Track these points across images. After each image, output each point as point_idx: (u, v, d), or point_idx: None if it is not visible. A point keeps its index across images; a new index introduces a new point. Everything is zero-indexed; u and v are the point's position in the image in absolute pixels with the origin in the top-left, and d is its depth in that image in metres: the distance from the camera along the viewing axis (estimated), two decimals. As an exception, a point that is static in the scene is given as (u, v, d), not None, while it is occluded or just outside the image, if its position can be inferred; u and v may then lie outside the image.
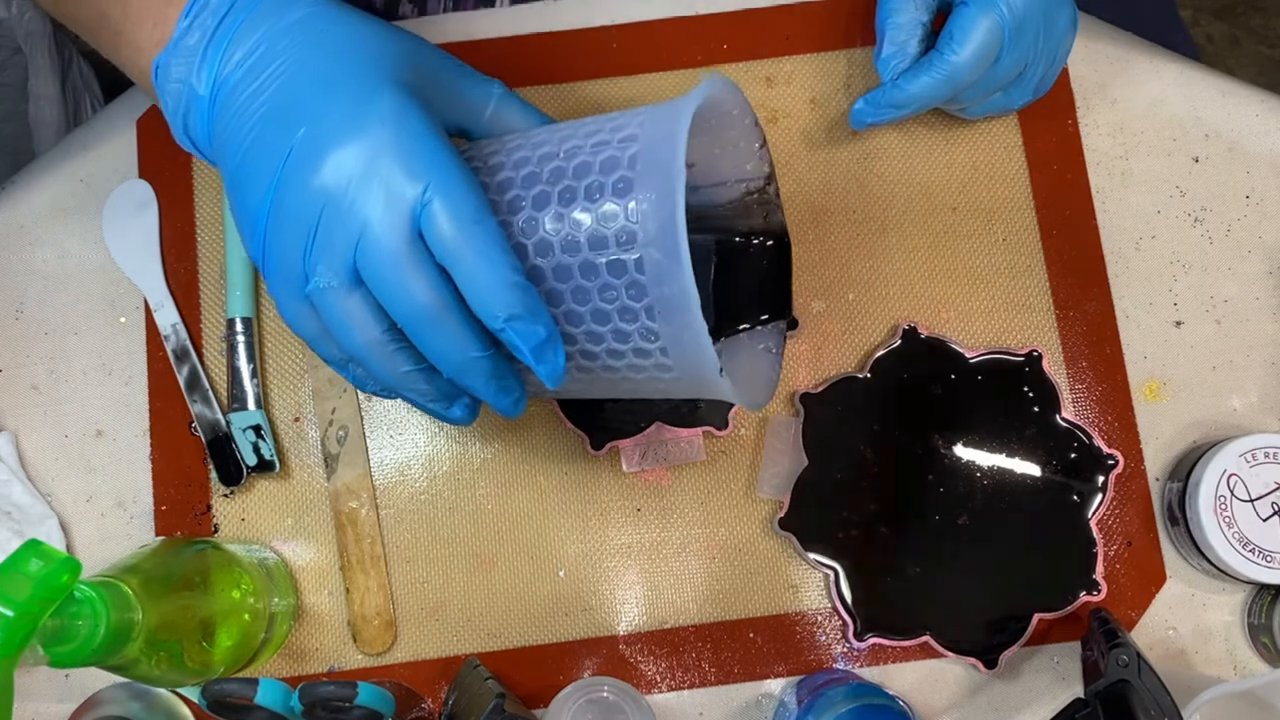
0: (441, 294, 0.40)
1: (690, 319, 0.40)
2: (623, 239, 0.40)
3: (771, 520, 0.57)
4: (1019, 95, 0.57)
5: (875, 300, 0.59)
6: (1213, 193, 0.60)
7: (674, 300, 0.40)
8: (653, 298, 0.41)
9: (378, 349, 0.41)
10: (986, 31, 0.52)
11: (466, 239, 0.39)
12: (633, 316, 0.41)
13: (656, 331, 0.41)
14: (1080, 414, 0.58)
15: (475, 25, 0.62)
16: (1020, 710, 0.56)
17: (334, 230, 0.40)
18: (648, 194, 0.40)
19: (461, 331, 0.40)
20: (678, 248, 0.39)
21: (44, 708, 0.56)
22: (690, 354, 0.41)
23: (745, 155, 0.50)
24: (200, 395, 0.58)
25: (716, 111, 0.47)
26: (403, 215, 0.39)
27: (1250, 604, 0.56)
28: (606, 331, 0.42)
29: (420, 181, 0.39)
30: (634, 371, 0.44)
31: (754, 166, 0.50)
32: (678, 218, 0.39)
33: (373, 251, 0.39)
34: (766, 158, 0.50)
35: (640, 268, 0.40)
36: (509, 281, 0.39)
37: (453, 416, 0.45)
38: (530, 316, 0.40)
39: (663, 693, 0.56)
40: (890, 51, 0.55)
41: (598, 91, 0.61)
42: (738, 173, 0.50)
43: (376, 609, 0.57)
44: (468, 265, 0.39)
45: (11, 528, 0.56)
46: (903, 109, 0.55)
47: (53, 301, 0.60)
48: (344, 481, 0.58)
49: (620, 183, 0.41)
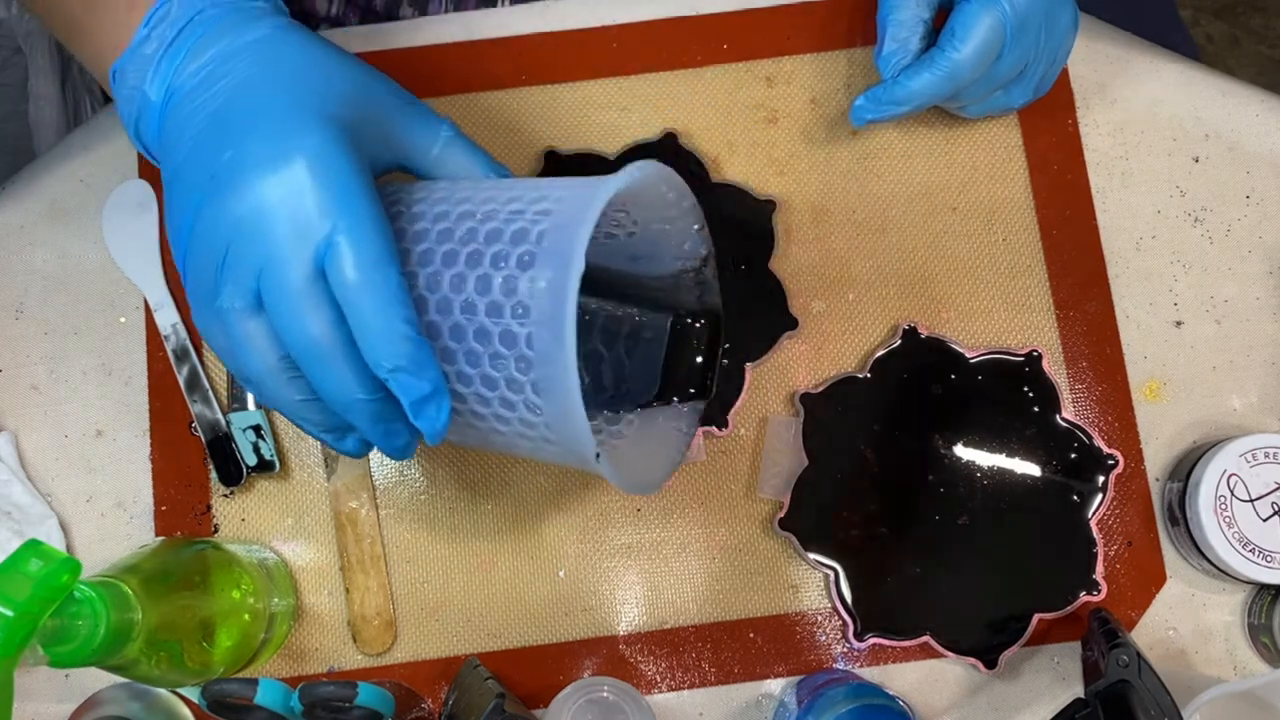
0: (334, 332, 0.40)
1: (570, 404, 0.40)
2: (518, 312, 0.41)
3: (771, 520, 0.57)
4: (1019, 94, 0.57)
5: (875, 300, 0.59)
6: (1213, 193, 0.60)
7: (557, 382, 0.40)
8: (538, 375, 0.41)
9: (272, 375, 0.42)
10: (988, 29, 0.52)
11: (364, 284, 0.39)
12: (519, 388, 0.42)
13: (540, 407, 0.42)
14: (1080, 414, 0.58)
15: (475, 25, 0.62)
16: (1020, 710, 0.56)
17: (242, 255, 0.40)
18: (546, 274, 0.40)
19: (349, 372, 0.41)
20: (564, 334, 0.39)
21: (44, 708, 0.56)
22: (569, 435, 0.41)
23: (683, 235, 0.50)
24: (200, 395, 0.58)
25: (652, 193, 0.47)
26: (306, 250, 0.39)
27: (1250, 604, 0.56)
28: (494, 397, 0.43)
29: (329, 220, 0.39)
30: (520, 439, 0.44)
31: (691, 246, 0.51)
32: (568, 305, 0.39)
33: (272, 281, 0.40)
34: (705, 242, 0.50)
35: (530, 343, 0.41)
36: (399, 333, 0.40)
37: (344, 448, 0.45)
38: (415, 370, 0.40)
39: (663, 693, 0.56)
40: (892, 48, 0.55)
41: (598, 91, 0.61)
42: (675, 250, 0.51)
43: (376, 609, 0.57)
44: (361, 310, 0.40)
45: (11, 528, 0.56)
46: (903, 106, 0.55)
47: (53, 301, 0.60)
48: (344, 481, 0.58)
49: (526, 256, 0.41)
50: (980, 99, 0.57)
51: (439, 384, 0.41)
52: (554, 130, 0.61)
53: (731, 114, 0.61)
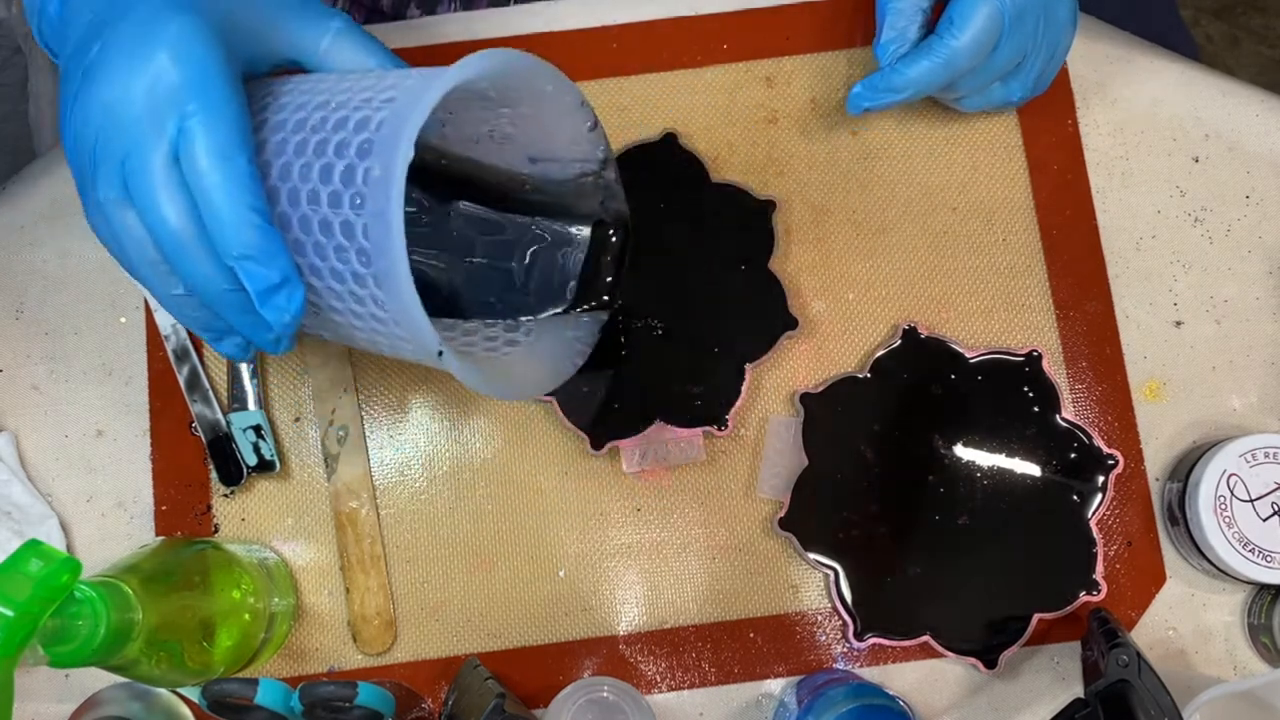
0: (191, 222, 0.40)
1: (405, 299, 0.39)
2: (356, 202, 0.40)
3: (771, 520, 0.57)
4: (1018, 87, 0.57)
5: (875, 300, 0.59)
6: (1213, 193, 0.60)
7: (391, 275, 0.39)
8: (377, 268, 0.40)
9: (152, 268, 0.42)
10: (986, 17, 0.52)
11: (212, 170, 0.40)
12: (363, 282, 0.41)
13: (385, 301, 0.41)
14: (1080, 414, 0.58)
15: (476, 25, 0.62)
16: (1020, 710, 0.56)
17: (110, 145, 0.41)
18: (379, 162, 0.39)
19: (209, 262, 0.41)
20: (391, 224, 0.38)
21: (44, 708, 0.56)
22: (411, 330, 0.40)
23: (576, 134, 0.49)
24: (200, 395, 0.58)
25: (526, 84, 0.46)
26: (162, 137, 0.40)
27: (1250, 604, 0.56)
28: (344, 291, 0.42)
29: (183, 108, 0.40)
30: (376, 334, 0.43)
31: (588, 148, 0.49)
32: (394, 194, 0.38)
33: (134, 169, 0.40)
34: (601, 142, 0.49)
35: (367, 235, 0.40)
36: (245, 220, 0.40)
37: (224, 351, 0.45)
38: (263, 259, 0.40)
39: (663, 693, 0.56)
40: (889, 37, 0.55)
41: (598, 91, 0.61)
42: (571, 153, 0.49)
43: (376, 609, 0.57)
44: (210, 197, 0.40)
45: (11, 528, 0.56)
46: (900, 93, 0.55)
47: (53, 301, 0.60)
48: (344, 481, 0.58)
49: (365, 144, 0.40)
50: (978, 90, 0.57)
51: (289, 273, 0.41)
52: (554, 130, 0.61)
53: (731, 114, 0.61)
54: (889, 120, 0.61)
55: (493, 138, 0.49)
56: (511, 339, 0.51)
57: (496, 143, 0.50)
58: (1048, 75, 0.58)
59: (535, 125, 0.48)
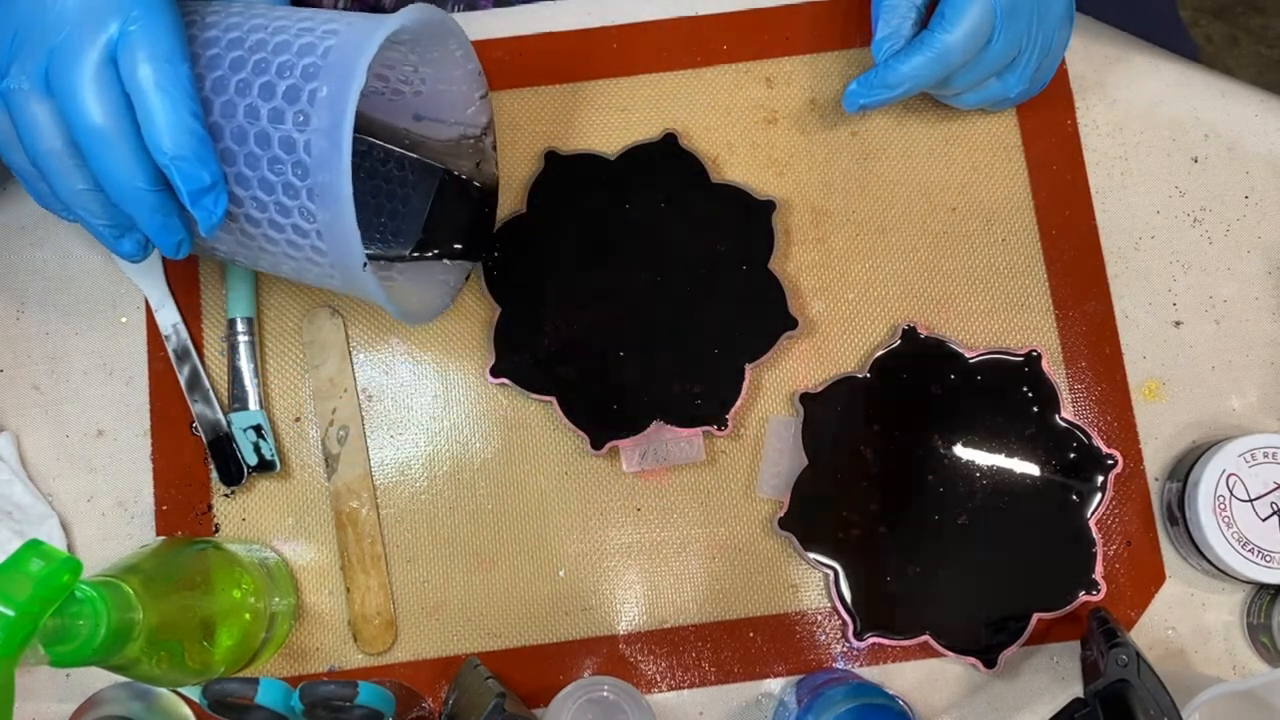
0: (120, 121, 0.42)
1: (342, 208, 0.44)
2: (299, 119, 0.44)
3: (771, 520, 0.57)
4: (1014, 83, 0.57)
5: (875, 300, 0.59)
6: (1212, 193, 0.60)
7: (331, 187, 0.43)
8: (314, 181, 0.44)
9: (56, 160, 0.43)
10: (979, 11, 0.52)
11: (154, 74, 0.42)
12: (294, 194, 0.45)
13: (314, 214, 0.44)
14: (1079, 414, 0.58)
15: (476, 25, 0.62)
16: (1020, 710, 0.56)
17: (33, 35, 0.42)
18: (329, 85, 0.44)
19: (132, 160, 0.42)
20: (340, 140, 0.43)
21: (44, 707, 0.56)
22: (341, 243, 0.45)
23: (467, 100, 0.55)
24: (201, 395, 0.58)
25: (441, 46, 0.51)
26: (100, 36, 0.42)
27: (1249, 604, 0.56)
28: (270, 202, 0.45)
29: (128, 13, 0.42)
30: (292, 249, 0.47)
31: (474, 113, 0.55)
32: (347, 114, 0.43)
33: (63, 64, 0.42)
34: (486, 109, 0.55)
35: (309, 149, 0.44)
36: (184, 124, 0.42)
37: (122, 250, 0.47)
38: (196, 161, 0.43)
39: (663, 692, 0.56)
40: (884, 34, 0.56)
41: (598, 91, 0.61)
42: (458, 115, 0.55)
43: (377, 608, 0.57)
44: (149, 99, 0.42)
45: (12, 527, 0.56)
46: (895, 89, 0.55)
47: (54, 301, 0.60)
48: (344, 481, 0.58)
49: (311, 68, 0.44)
50: (974, 86, 0.57)
51: (218, 177, 0.44)
52: (554, 130, 0.61)
53: (731, 114, 0.61)
54: (888, 120, 0.61)
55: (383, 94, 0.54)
56: (387, 276, 0.56)
57: (386, 99, 0.55)
58: (1045, 71, 0.58)
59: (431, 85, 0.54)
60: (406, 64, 0.53)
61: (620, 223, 0.59)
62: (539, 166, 0.60)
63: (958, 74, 0.55)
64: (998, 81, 0.57)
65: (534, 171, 0.60)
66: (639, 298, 0.58)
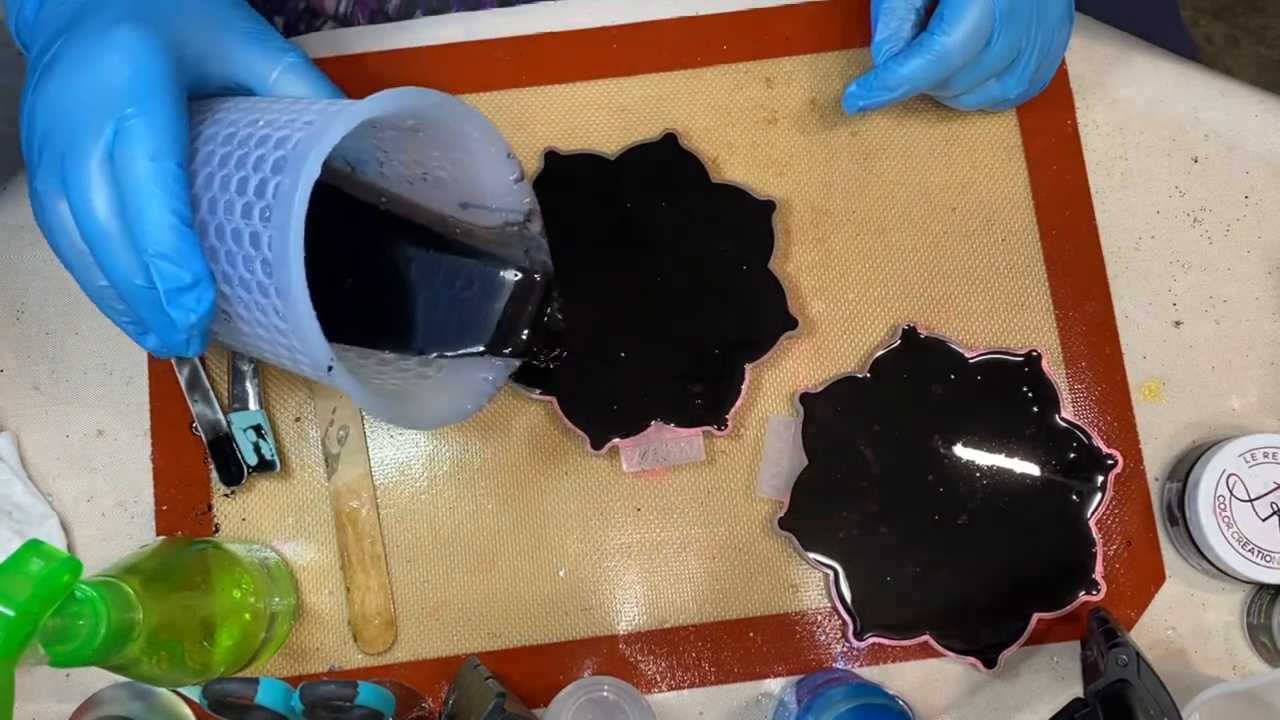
0: (116, 218, 0.42)
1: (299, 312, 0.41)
2: (265, 215, 0.42)
3: (771, 520, 0.57)
4: (1014, 84, 0.57)
5: (875, 300, 0.59)
6: (1212, 193, 0.60)
7: (288, 289, 0.41)
8: (277, 280, 0.42)
9: (79, 257, 0.44)
10: (978, 13, 0.52)
11: (141, 170, 0.42)
12: (266, 292, 0.43)
13: (283, 313, 0.42)
14: (1079, 414, 0.58)
15: (475, 25, 0.62)
16: (1020, 710, 0.56)
17: (54, 138, 0.43)
18: (287, 178, 0.41)
19: (131, 258, 0.43)
20: (289, 238, 0.40)
21: (44, 707, 0.56)
22: (305, 343, 0.42)
23: (502, 185, 0.50)
24: (201, 395, 0.58)
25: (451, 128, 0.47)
26: (99, 136, 0.42)
27: (1249, 604, 0.56)
28: (251, 300, 0.44)
29: (122, 109, 0.42)
30: (278, 347, 0.45)
31: (512, 200, 0.51)
32: (295, 208, 0.40)
33: (70, 164, 0.43)
34: (526, 195, 0.51)
35: (271, 246, 0.42)
36: (164, 221, 0.42)
37: (147, 346, 0.47)
38: (176, 259, 0.42)
39: (663, 692, 0.56)
40: (883, 36, 0.56)
41: (598, 91, 0.61)
42: (498, 201, 0.51)
43: (377, 608, 0.57)
44: (133, 196, 0.42)
45: (12, 527, 0.56)
46: (894, 91, 0.55)
47: (54, 302, 0.60)
48: (344, 481, 0.58)
49: (280, 161, 0.42)
50: (974, 88, 0.57)
51: (201, 275, 0.43)
52: (554, 130, 0.61)
53: (731, 114, 0.61)
54: (888, 120, 0.61)
55: (426, 180, 0.51)
56: (423, 373, 0.52)
57: (431, 185, 0.51)
58: (1045, 72, 0.58)
59: (464, 171, 0.50)
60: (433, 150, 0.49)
61: (620, 223, 0.59)
62: (539, 166, 0.60)
63: (957, 76, 0.55)
64: (997, 83, 0.57)
65: (534, 171, 0.60)
66: (639, 298, 0.58)
